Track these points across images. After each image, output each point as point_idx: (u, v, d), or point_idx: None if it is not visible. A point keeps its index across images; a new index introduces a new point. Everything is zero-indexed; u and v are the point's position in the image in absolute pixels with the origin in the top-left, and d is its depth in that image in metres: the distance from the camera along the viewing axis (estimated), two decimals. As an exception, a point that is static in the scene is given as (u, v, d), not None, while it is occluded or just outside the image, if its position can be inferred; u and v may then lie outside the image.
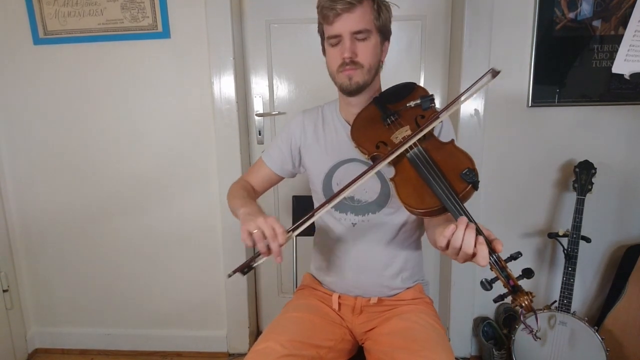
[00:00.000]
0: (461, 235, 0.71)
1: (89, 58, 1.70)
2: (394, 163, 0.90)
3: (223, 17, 1.63)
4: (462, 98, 0.90)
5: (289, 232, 0.87)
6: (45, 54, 1.71)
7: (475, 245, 0.70)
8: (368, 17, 0.95)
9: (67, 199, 1.84)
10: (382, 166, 0.88)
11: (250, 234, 0.84)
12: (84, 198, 1.84)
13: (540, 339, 1.52)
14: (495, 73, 0.87)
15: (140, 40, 1.67)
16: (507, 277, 0.71)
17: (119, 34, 1.67)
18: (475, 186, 0.79)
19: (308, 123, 1.14)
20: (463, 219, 0.73)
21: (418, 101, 0.95)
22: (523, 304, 0.70)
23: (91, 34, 1.67)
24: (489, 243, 0.72)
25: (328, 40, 0.98)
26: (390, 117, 0.97)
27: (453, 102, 0.92)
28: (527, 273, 0.72)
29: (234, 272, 0.87)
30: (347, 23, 0.93)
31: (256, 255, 0.86)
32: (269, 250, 0.84)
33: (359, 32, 0.95)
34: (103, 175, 1.81)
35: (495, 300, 0.75)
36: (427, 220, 1.02)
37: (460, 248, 0.71)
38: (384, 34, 1.01)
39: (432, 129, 0.96)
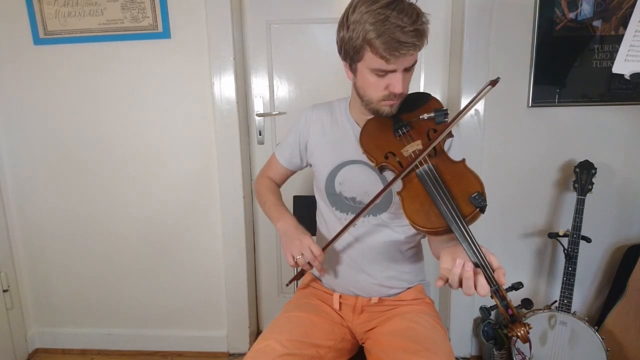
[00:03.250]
0: (457, 279, 0.72)
1: (89, 58, 1.70)
2: (402, 177, 0.88)
3: (223, 17, 1.63)
4: (468, 108, 0.87)
5: (323, 249, 0.99)
6: (45, 54, 1.71)
7: (475, 282, 0.71)
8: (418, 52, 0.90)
9: (67, 199, 1.84)
10: (395, 182, 0.88)
11: (294, 257, 0.98)
12: (84, 198, 1.84)
13: None
14: (494, 82, 0.85)
15: (140, 41, 1.67)
16: (507, 307, 0.71)
17: (119, 34, 1.67)
18: (482, 210, 0.78)
19: (316, 119, 1.12)
20: (460, 263, 0.72)
21: (432, 114, 0.91)
22: (519, 334, 0.70)
23: (91, 34, 1.67)
24: (492, 272, 0.71)
25: (373, 70, 0.89)
26: (402, 128, 0.95)
27: (459, 113, 0.89)
28: (527, 304, 0.73)
29: (291, 281, 1.10)
30: (406, 61, 0.87)
31: (301, 270, 1.05)
32: (310, 266, 0.99)
33: (411, 67, 0.91)
34: (103, 175, 1.81)
35: (493, 327, 0.76)
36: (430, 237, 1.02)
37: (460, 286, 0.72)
38: None
39: (443, 144, 0.95)
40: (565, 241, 1.57)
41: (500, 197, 1.72)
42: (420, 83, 1.77)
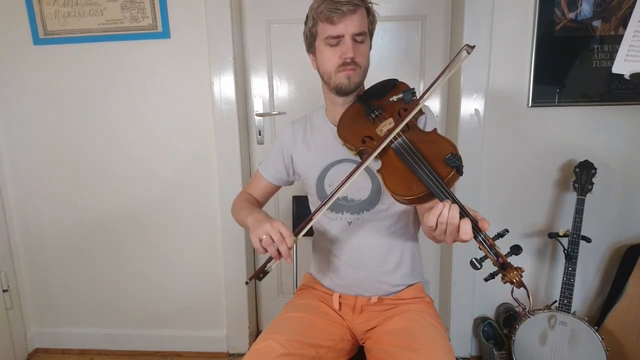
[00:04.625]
0: (447, 212, 0.73)
1: (89, 58, 1.71)
2: (380, 155, 0.91)
3: (223, 17, 1.63)
4: (439, 80, 0.92)
5: (295, 234, 0.91)
6: (45, 54, 1.71)
7: (459, 227, 0.73)
8: (365, 21, 1.00)
9: (66, 199, 1.84)
10: (370, 160, 0.90)
11: (260, 240, 0.89)
12: (84, 198, 1.84)
13: (532, 314, 1.53)
14: (469, 48, 0.91)
15: (140, 40, 1.67)
16: (496, 255, 0.72)
17: (119, 34, 1.67)
18: (459, 170, 0.81)
19: (297, 131, 1.17)
20: (447, 201, 0.75)
21: (400, 95, 0.98)
22: (514, 280, 0.71)
23: (91, 34, 1.68)
24: (476, 223, 0.73)
25: (326, 40, 0.99)
26: (374, 112, 1.00)
27: (431, 85, 0.94)
28: (516, 249, 0.73)
29: (250, 279, 0.95)
30: (351, 24, 0.96)
31: (268, 260, 0.91)
32: (279, 254, 0.88)
33: (359, 34, 0.98)
34: (103, 175, 1.81)
35: (486, 279, 0.75)
36: (420, 211, 1.04)
37: (447, 222, 0.73)
38: (371, 39, 1.06)
39: (416, 121, 0.99)
40: (565, 241, 1.57)
41: (500, 197, 1.72)
42: (420, 83, 1.77)
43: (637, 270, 1.55)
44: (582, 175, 1.54)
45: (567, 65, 1.58)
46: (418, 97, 0.96)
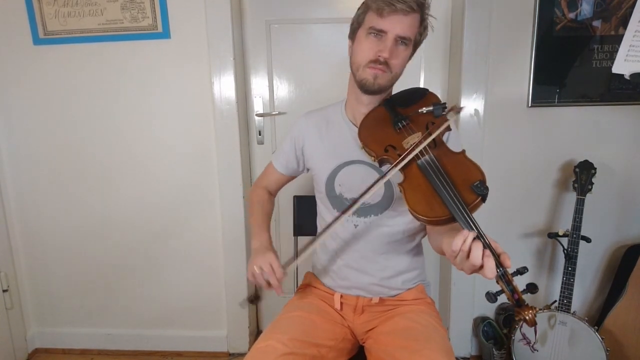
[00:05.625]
0: (467, 248, 0.71)
1: (89, 58, 1.70)
2: (403, 169, 0.88)
3: (223, 17, 1.63)
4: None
5: (285, 267, 0.97)
6: (45, 54, 1.71)
7: (482, 258, 0.70)
8: (415, 29, 0.96)
9: (66, 199, 1.84)
10: (393, 173, 0.87)
11: (253, 272, 0.98)
12: (83, 197, 1.83)
13: (537, 350, 1.52)
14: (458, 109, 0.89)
15: (140, 41, 1.67)
16: (512, 291, 0.71)
17: (119, 34, 1.67)
18: (484, 199, 0.78)
19: (311, 124, 1.14)
20: (469, 232, 0.72)
21: (430, 108, 0.93)
22: (527, 318, 0.70)
23: (91, 34, 1.67)
24: (498, 257, 0.71)
25: (369, 31, 0.95)
26: (401, 121, 0.96)
27: (452, 109, 0.91)
28: (532, 288, 0.72)
29: (246, 301, 1.09)
30: (399, 24, 0.93)
31: (259, 289, 1.02)
32: (269, 285, 0.97)
33: (403, 37, 0.94)
34: (102, 175, 1.81)
35: (498, 313, 0.74)
36: (432, 227, 1.02)
37: (468, 259, 0.71)
38: (414, 51, 1.02)
39: (442, 137, 0.95)
40: (565, 241, 1.57)
41: (500, 197, 1.72)
42: (420, 83, 1.77)
43: (637, 270, 1.55)
44: (581, 175, 1.54)
45: (567, 65, 1.58)
46: (446, 114, 0.92)
